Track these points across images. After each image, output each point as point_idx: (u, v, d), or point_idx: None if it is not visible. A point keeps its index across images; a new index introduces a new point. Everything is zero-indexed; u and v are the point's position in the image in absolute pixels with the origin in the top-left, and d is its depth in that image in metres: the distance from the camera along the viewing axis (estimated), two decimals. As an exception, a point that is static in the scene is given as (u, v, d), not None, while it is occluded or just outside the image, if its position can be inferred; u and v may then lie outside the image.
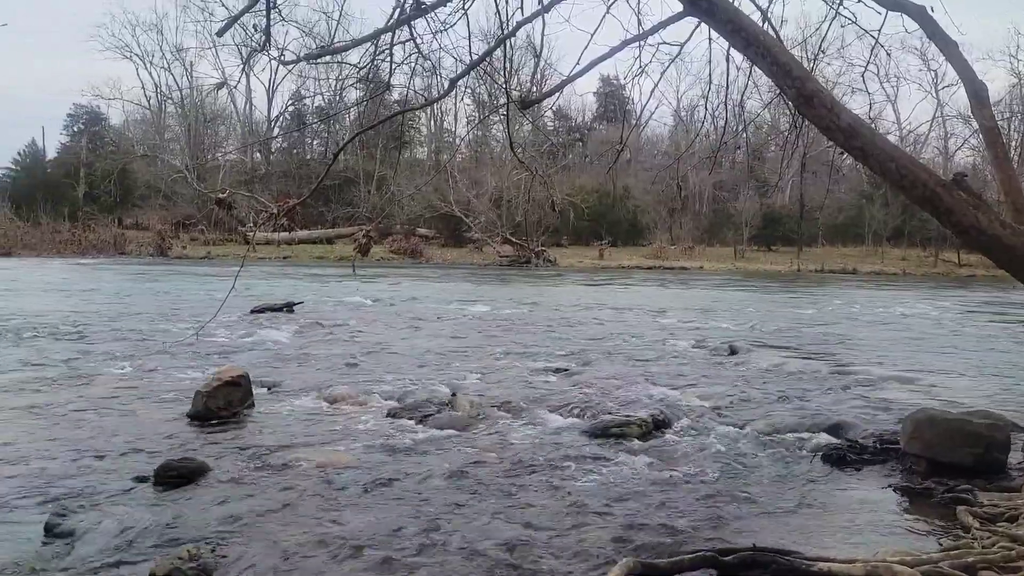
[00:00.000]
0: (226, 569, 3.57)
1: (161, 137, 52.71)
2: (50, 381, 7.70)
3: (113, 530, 3.99)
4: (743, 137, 13.21)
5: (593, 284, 25.73)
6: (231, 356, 9.40)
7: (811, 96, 4.12)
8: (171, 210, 46.51)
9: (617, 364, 9.44)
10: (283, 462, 5.26)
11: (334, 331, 12.11)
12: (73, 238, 38.81)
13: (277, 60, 6.30)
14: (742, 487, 4.93)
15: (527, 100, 5.33)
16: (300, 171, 49.89)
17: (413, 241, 41.12)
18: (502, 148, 50.14)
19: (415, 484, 4.85)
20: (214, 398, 6.47)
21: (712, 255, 41.57)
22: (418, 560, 3.71)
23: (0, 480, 4.72)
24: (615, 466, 5.29)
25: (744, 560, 3.54)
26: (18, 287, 19.25)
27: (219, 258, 36.25)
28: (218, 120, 54.61)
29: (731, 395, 7.54)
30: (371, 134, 40.55)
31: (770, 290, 24.86)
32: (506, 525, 4.16)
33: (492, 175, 43.48)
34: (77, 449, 5.42)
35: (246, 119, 55.41)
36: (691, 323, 14.24)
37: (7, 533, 3.94)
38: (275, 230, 5.08)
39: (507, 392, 7.62)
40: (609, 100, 58.31)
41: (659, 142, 56.29)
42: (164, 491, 4.63)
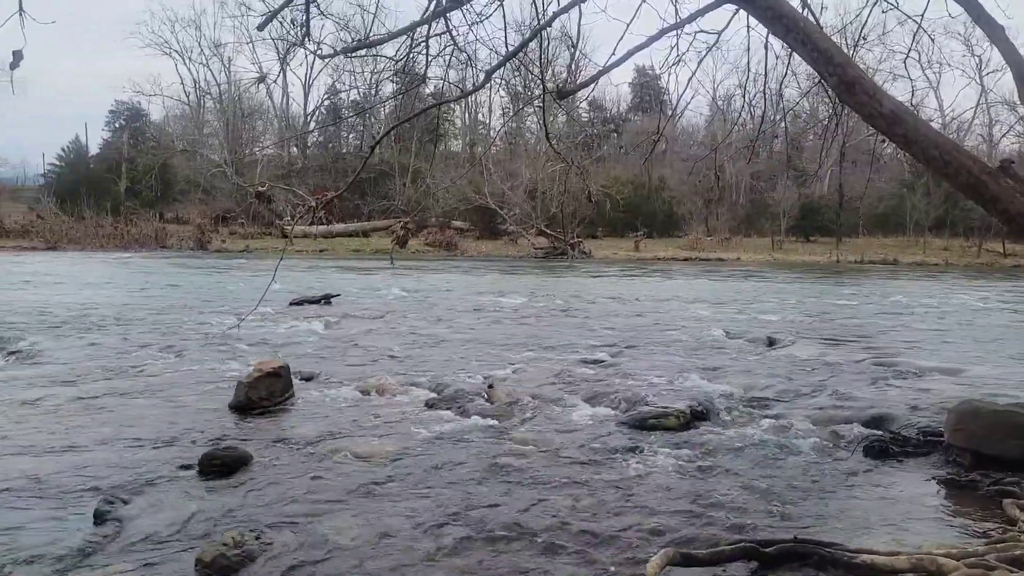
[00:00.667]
0: (269, 556, 3.63)
1: (200, 132, 53.51)
2: (97, 372, 7.87)
3: (159, 518, 4.08)
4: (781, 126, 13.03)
5: (628, 276, 25.61)
6: (271, 348, 9.53)
7: (853, 83, 4.07)
8: (210, 204, 47.20)
9: (654, 355, 9.40)
10: (323, 452, 5.33)
11: (371, 323, 12.21)
12: (116, 232, 39.47)
13: (315, 54, 6.37)
14: (782, 479, 4.89)
15: (563, 90, 5.32)
16: (336, 165, 50.29)
17: (448, 234, 41.19)
18: (537, 140, 50.09)
19: (453, 474, 4.88)
20: (255, 389, 6.57)
21: (749, 246, 41.07)
22: (457, 549, 3.75)
23: (51, 469, 4.84)
24: (653, 457, 5.28)
25: (785, 551, 3.52)
26: (65, 280, 19.68)
27: (257, 251, 36.67)
28: (256, 115, 55.27)
29: (770, 386, 7.47)
30: (406, 127, 40.79)
31: (809, 281, 24.54)
32: (544, 515, 4.18)
33: (527, 167, 43.43)
34: (124, 438, 5.55)
35: (283, 114, 56.00)
36: (728, 314, 14.11)
37: (58, 520, 4.04)
38: (313, 223, 5.14)
39: (544, 383, 7.63)
40: (644, 91, 57.97)
41: (695, 133, 55.84)
42: (208, 480, 4.73)
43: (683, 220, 45.62)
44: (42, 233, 37.91)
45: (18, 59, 2.69)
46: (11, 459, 5.02)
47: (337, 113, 51.77)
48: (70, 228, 38.79)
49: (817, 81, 8.91)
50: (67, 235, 37.81)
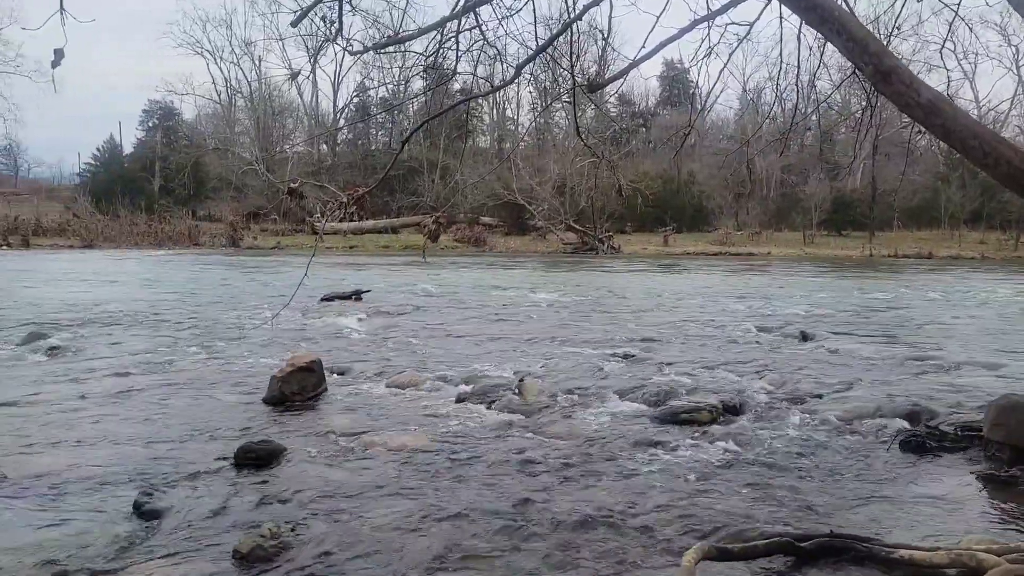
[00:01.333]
0: (305, 548, 3.67)
1: (231, 130, 54.14)
2: (134, 367, 8.00)
3: (197, 509, 4.14)
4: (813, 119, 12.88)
5: (658, 271, 25.49)
6: (303, 343, 9.62)
7: (889, 72, 4.00)
8: (242, 202, 47.79)
9: (685, 350, 9.35)
10: (356, 445, 5.37)
11: (401, 318, 12.28)
12: (150, 230, 40.12)
13: (345, 50, 6.39)
14: (816, 474, 4.85)
15: (594, 83, 5.30)
16: (365, 162, 50.65)
17: (477, 230, 41.29)
18: (565, 135, 49.99)
19: (485, 468, 4.90)
20: (288, 383, 6.63)
21: (780, 241, 40.72)
22: (491, 543, 3.75)
23: (91, 460, 4.93)
24: (686, 451, 5.25)
25: (821, 546, 3.49)
26: (102, 278, 20.01)
27: (288, 248, 37.06)
28: (286, 113, 55.80)
29: (804, 381, 7.40)
30: (435, 123, 40.88)
31: (841, 275, 24.25)
32: (577, 509, 4.18)
33: (555, 162, 43.36)
34: (161, 431, 5.63)
35: (312, 111, 56.47)
36: (760, 309, 13.99)
37: (99, 511, 4.11)
38: (344, 219, 5.18)
39: (574, 378, 7.62)
40: (673, 84, 57.60)
41: (725, 126, 55.40)
42: (243, 472, 4.78)
43: (713, 215, 45.32)
44: (78, 231, 38.62)
45: (59, 57, 2.74)
46: (53, 451, 5.13)
47: (366, 110, 52.05)
48: (105, 226, 39.46)
49: (850, 73, 8.80)
50: (103, 233, 38.46)
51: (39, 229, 38.97)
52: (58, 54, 2.73)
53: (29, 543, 3.67)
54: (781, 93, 13.32)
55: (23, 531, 3.83)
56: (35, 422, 5.82)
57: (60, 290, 16.17)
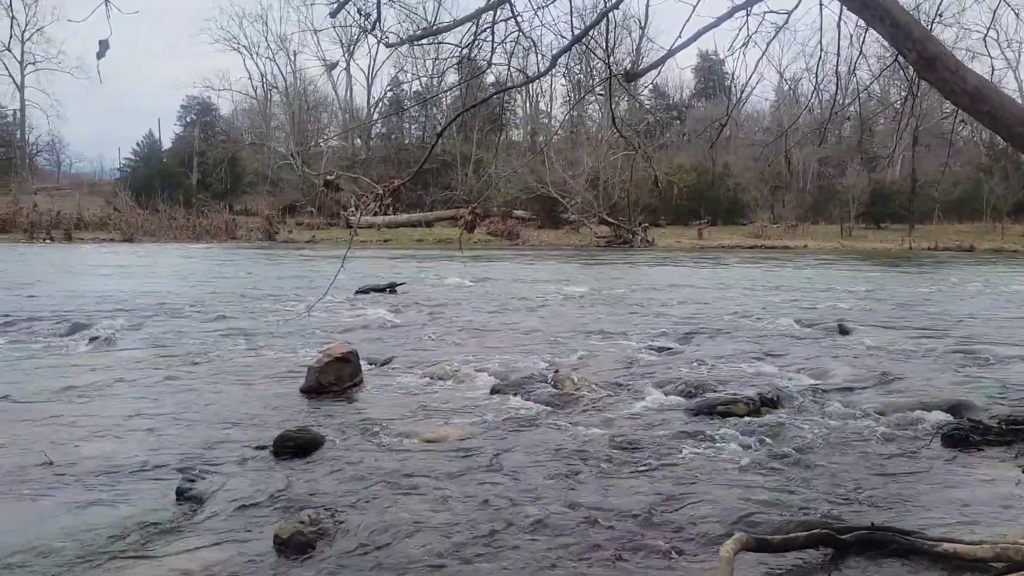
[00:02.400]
0: (344, 535, 3.71)
1: (267, 125, 54.70)
2: (174, 357, 8.13)
3: (237, 495, 4.20)
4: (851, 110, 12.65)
5: (693, 264, 25.29)
6: (339, 334, 9.70)
7: (933, 59, 3.92)
8: (278, 196, 48.27)
9: (721, 343, 9.27)
10: (392, 436, 5.41)
11: (436, 311, 12.33)
12: (188, 224, 40.69)
13: (381, 42, 6.44)
14: (856, 467, 4.78)
15: (631, 73, 5.27)
16: (399, 156, 50.91)
17: (510, 223, 41.29)
18: (598, 128, 49.77)
19: (521, 459, 4.90)
20: (325, 373, 6.70)
21: (816, 233, 40.14)
22: (527, 533, 3.76)
23: (135, 447, 5.03)
24: (722, 443, 5.22)
25: (862, 539, 3.45)
26: (142, 271, 20.36)
27: (323, 242, 37.37)
28: (320, 108, 56.27)
29: (842, 374, 7.31)
30: (468, 117, 40.97)
31: (880, 268, 23.88)
32: (613, 501, 4.17)
33: (588, 155, 43.20)
34: (201, 420, 5.72)
35: (347, 106, 56.87)
36: (797, 302, 13.83)
37: (143, 496, 4.19)
38: (380, 211, 5.20)
39: (609, 370, 7.60)
40: (708, 76, 57.08)
41: (760, 118, 54.78)
42: (282, 460, 4.84)
43: (748, 207, 44.85)
44: (119, 225, 39.29)
45: (104, 48, 2.79)
46: (97, 438, 5.23)
47: (400, 104, 52.31)
48: (145, 220, 40.10)
49: (891, 61, 8.64)
50: (142, 227, 39.08)
51: (81, 223, 39.73)
52: (103, 45, 2.78)
53: (76, 526, 3.76)
54: (819, 83, 13.12)
55: (71, 515, 3.92)
56: (80, 410, 5.94)
57: (102, 283, 16.48)
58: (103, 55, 2.79)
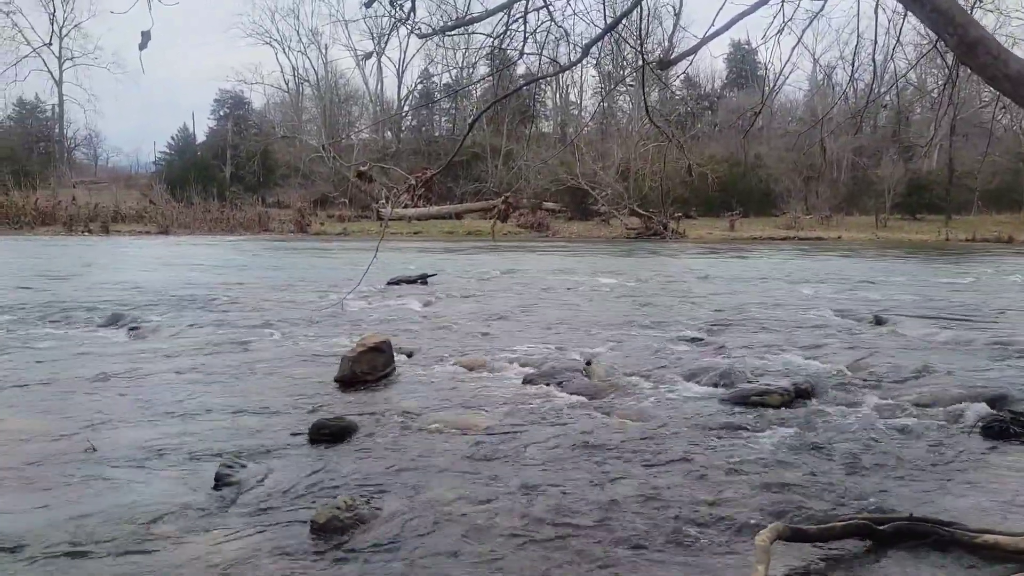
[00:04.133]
0: (379, 521, 3.74)
1: (299, 118, 55.16)
2: (210, 346, 8.25)
3: (274, 481, 4.26)
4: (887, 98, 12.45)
5: (724, 255, 25.10)
6: (371, 325, 9.78)
7: (975, 44, 3.85)
8: (309, 188, 48.69)
9: (754, 334, 9.20)
10: (426, 424, 5.44)
11: (467, 302, 12.38)
12: (222, 216, 41.21)
13: (413, 32, 6.45)
14: (892, 458, 4.73)
15: (665, 61, 5.24)
16: (429, 148, 51.07)
17: (539, 215, 41.25)
18: (629, 119, 49.52)
19: (554, 448, 4.91)
20: (359, 363, 6.75)
21: (851, 224, 39.63)
22: (560, 522, 3.77)
23: (174, 434, 5.12)
24: (756, 434, 5.19)
25: (900, 529, 3.41)
26: (178, 262, 20.66)
27: (355, 234, 37.62)
28: (351, 100, 56.59)
29: (878, 365, 7.21)
30: (498, 109, 40.95)
31: (916, 260, 23.51)
32: (647, 489, 4.17)
33: (619, 146, 42.99)
34: (238, 408, 5.80)
35: (377, 98, 57.12)
36: (831, 293, 13.67)
37: (183, 481, 4.27)
38: (412, 202, 5.23)
39: (641, 360, 7.58)
40: (741, 65, 56.50)
41: (794, 108, 54.14)
42: (318, 447, 4.90)
43: (780, 198, 44.34)
44: (155, 218, 39.89)
45: (146, 40, 2.83)
46: (137, 425, 5.33)
47: (430, 96, 52.44)
48: (180, 213, 40.68)
49: (930, 48, 8.49)
50: (177, 220, 39.65)
51: (118, 216, 40.37)
52: (145, 36, 2.82)
53: (117, 510, 3.83)
54: (855, 72, 12.94)
55: (112, 499, 4.00)
56: (120, 398, 6.05)
57: (139, 274, 16.75)
58: (145, 46, 2.83)
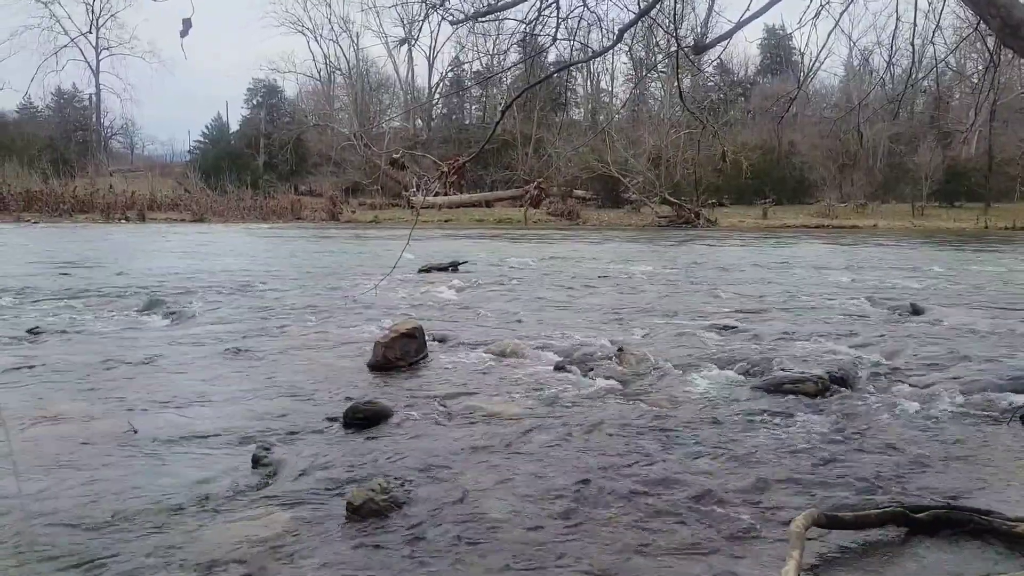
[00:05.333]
0: (413, 504, 3.79)
1: (331, 107, 55.44)
2: (246, 332, 8.36)
3: (310, 463, 4.33)
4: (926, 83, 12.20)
5: (757, 243, 24.87)
6: (404, 311, 9.84)
7: (1019, 25, 3.78)
8: (341, 177, 48.98)
9: (788, 322, 9.12)
10: (458, 410, 5.48)
11: (498, 289, 12.41)
12: (255, 204, 41.64)
13: (444, 18, 6.47)
14: (929, 447, 4.68)
15: (699, 46, 5.20)
16: (459, 136, 51.09)
17: (570, 203, 41.14)
18: (660, 106, 49.13)
19: (586, 434, 4.93)
20: (392, 349, 6.81)
21: (886, 213, 39.02)
22: (590, 508, 3.78)
23: (212, 417, 5.21)
24: (790, 421, 5.16)
25: (937, 517, 3.39)
26: (213, 250, 20.92)
27: (386, 222, 37.82)
28: (382, 89, 56.75)
29: (915, 354, 7.12)
30: (528, 96, 40.82)
31: (954, 248, 23.11)
32: (680, 476, 4.17)
33: (650, 134, 42.70)
34: (274, 392, 5.89)
35: (408, 86, 57.24)
36: (866, 282, 13.50)
37: (221, 463, 4.35)
38: (444, 190, 5.25)
39: (673, 348, 7.56)
40: (775, 51, 55.77)
41: (828, 94, 53.31)
42: (352, 431, 4.96)
43: (815, 186, 43.78)
44: (189, 206, 40.42)
45: (187, 27, 2.87)
46: (177, 408, 5.44)
47: (460, 84, 52.43)
48: (214, 201, 41.18)
49: (970, 32, 8.32)
50: (211, 208, 40.14)
51: (154, 204, 40.96)
52: (186, 24, 2.86)
53: (158, 490, 3.92)
54: (892, 56, 12.72)
55: (153, 479, 4.09)
56: (160, 382, 6.17)
57: (176, 261, 17.00)
58: (186, 34, 2.88)
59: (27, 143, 50.07)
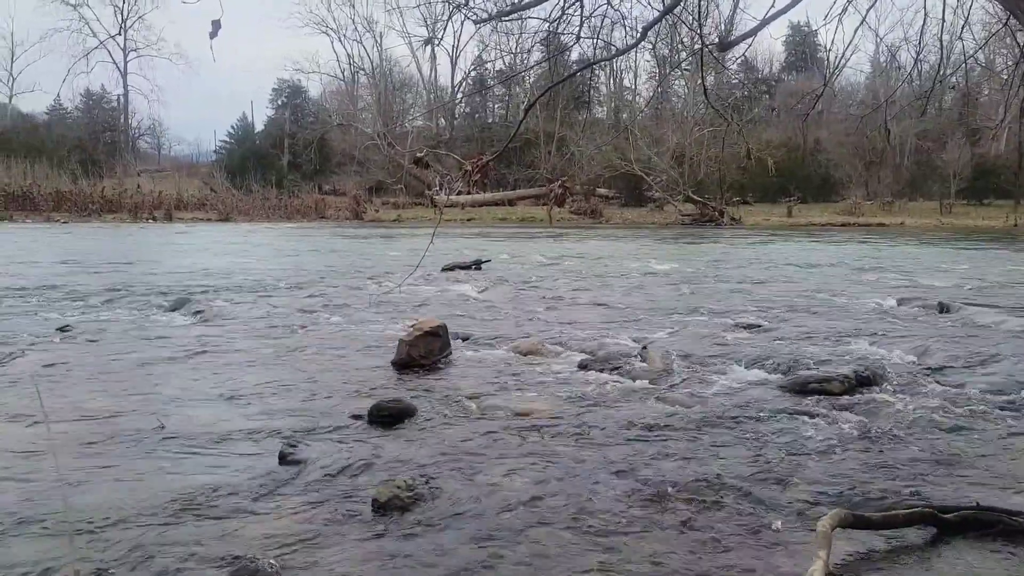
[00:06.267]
0: (438, 501, 3.80)
1: (354, 106, 55.76)
2: (271, 330, 8.44)
3: (336, 460, 4.36)
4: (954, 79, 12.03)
5: (782, 242, 24.68)
6: (427, 309, 9.88)
7: (1051, 19, 3.74)
8: (364, 176, 49.25)
9: (813, 321, 9.05)
10: (482, 408, 5.49)
11: (521, 288, 12.42)
12: (280, 204, 42.01)
13: (468, 18, 6.48)
14: (958, 446, 4.62)
15: (725, 42, 5.17)
16: (482, 135, 51.18)
17: (593, 201, 41.06)
18: (684, 104, 48.89)
19: (611, 433, 4.92)
20: (416, 347, 6.83)
21: (914, 210, 38.59)
22: (615, 506, 3.77)
23: (238, 414, 5.27)
24: (816, 421, 5.11)
25: (966, 518, 3.35)
26: (239, 249, 21.13)
27: (409, 221, 37.99)
28: (405, 88, 56.98)
29: (943, 353, 7.04)
30: (551, 94, 40.80)
31: (983, 246, 22.80)
32: (705, 475, 4.15)
33: (673, 132, 42.50)
34: (299, 390, 5.94)
35: (431, 86, 57.42)
36: (893, 280, 13.36)
37: (248, 459, 4.39)
38: (468, 188, 5.26)
39: (697, 347, 7.53)
40: (800, 48, 55.31)
41: (854, 91, 52.81)
42: (377, 429, 4.99)
43: (840, 184, 43.38)
44: (215, 205, 40.85)
45: (216, 28, 2.90)
46: (204, 404, 5.50)
47: (483, 83, 52.52)
48: (240, 201, 41.60)
49: (999, 28, 8.21)
50: (237, 207, 40.54)
51: (180, 203, 41.45)
52: (216, 25, 2.90)
53: (186, 485, 3.96)
54: (920, 52, 12.59)
55: (181, 474, 4.14)
56: (187, 379, 6.24)
57: (202, 259, 17.19)
58: (216, 35, 2.91)
59: (57, 144, 50.84)
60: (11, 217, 36.14)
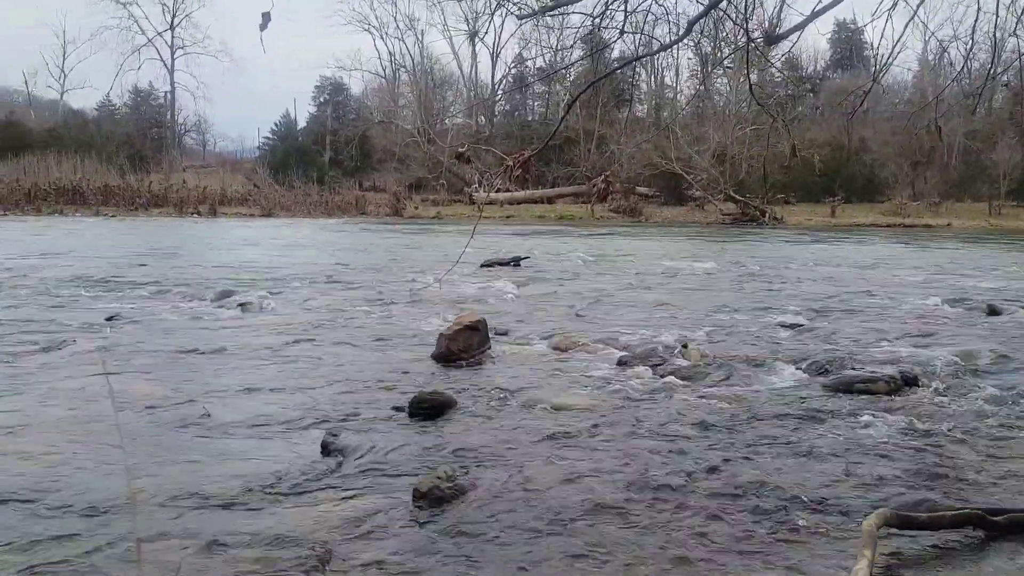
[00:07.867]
0: (478, 493, 3.82)
1: (395, 104, 56.15)
2: (313, 323, 8.54)
3: (377, 451, 4.40)
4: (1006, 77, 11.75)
5: (825, 242, 24.32)
6: (467, 304, 9.92)
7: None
8: (404, 173, 49.57)
9: (857, 321, 8.91)
10: (521, 402, 5.50)
11: (560, 284, 12.41)
12: (321, 200, 42.49)
13: (511, 13, 6.48)
14: (1007, 448, 4.52)
15: (771, 36, 5.11)
16: (522, 132, 51.18)
17: (632, 200, 40.83)
18: (726, 102, 48.41)
19: (650, 430, 4.89)
20: (455, 341, 6.87)
21: (961, 212, 37.76)
22: (654, 502, 3.75)
23: (282, 404, 5.34)
24: (860, 421, 5.04)
25: (1016, 522, 3.28)
26: (281, 243, 21.42)
27: (448, 218, 38.15)
28: (446, 86, 57.23)
29: (993, 355, 6.88)
30: (591, 92, 40.67)
31: (1034, 249, 22.23)
32: (748, 474, 4.11)
33: (715, 130, 42.10)
34: (341, 381, 6.00)
35: (472, 83, 57.59)
36: (940, 281, 13.10)
37: (292, 448, 4.46)
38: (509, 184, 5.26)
39: (738, 345, 7.46)
40: (846, 45, 54.46)
41: (901, 90, 51.79)
42: (417, 421, 5.02)
43: (886, 184, 42.60)
44: (258, 201, 41.47)
45: (267, 21, 2.95)
46: (248, 394, 5.59)
47: (523, 80, 52.55)
48: (282, 196, 42.17)
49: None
50: (279, 203, 41.10)
51: (224, 199, 42.16)
52: (266, 17, 2.94)
53: (232, 473, 4.03)
54: (971, 49, 12.30)
55: (227, 462, 4.21)
56: (232, 369, 6.35)
57: (246, 254, 17.46)
58: (266, 27, 2.95)
59: (106, 140, 52.00)
60: (62, 211, 37.07)
